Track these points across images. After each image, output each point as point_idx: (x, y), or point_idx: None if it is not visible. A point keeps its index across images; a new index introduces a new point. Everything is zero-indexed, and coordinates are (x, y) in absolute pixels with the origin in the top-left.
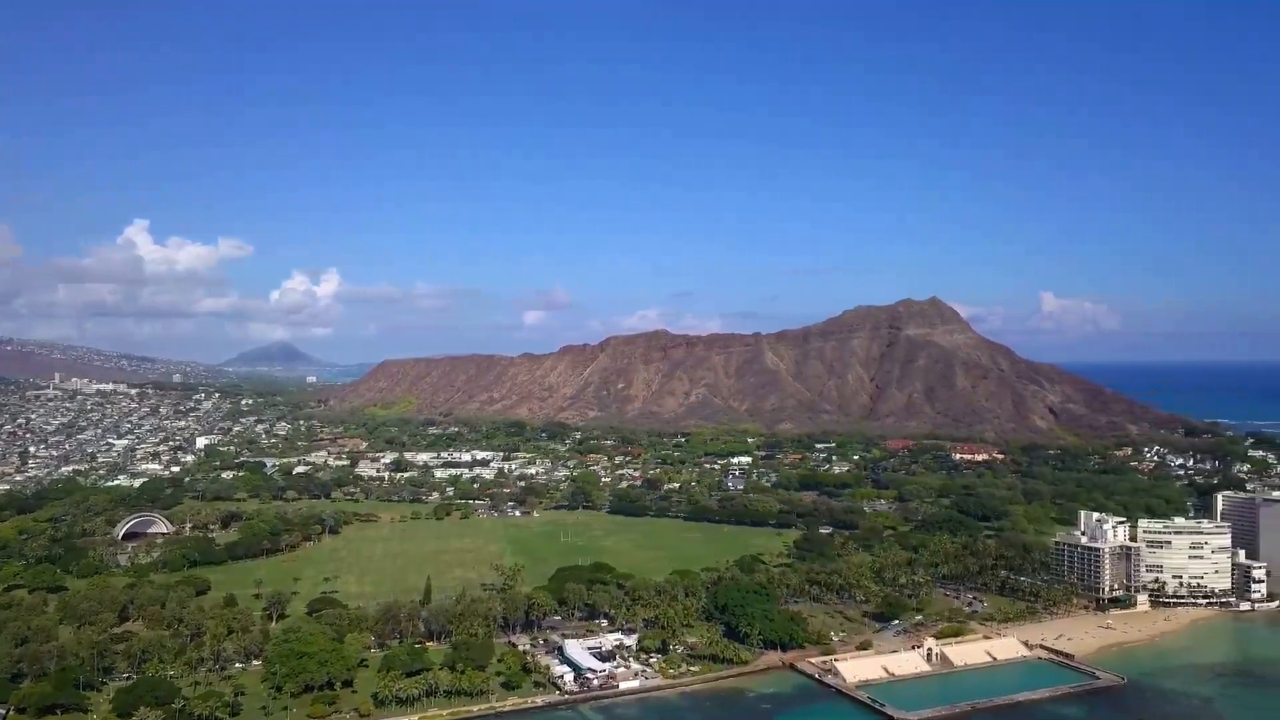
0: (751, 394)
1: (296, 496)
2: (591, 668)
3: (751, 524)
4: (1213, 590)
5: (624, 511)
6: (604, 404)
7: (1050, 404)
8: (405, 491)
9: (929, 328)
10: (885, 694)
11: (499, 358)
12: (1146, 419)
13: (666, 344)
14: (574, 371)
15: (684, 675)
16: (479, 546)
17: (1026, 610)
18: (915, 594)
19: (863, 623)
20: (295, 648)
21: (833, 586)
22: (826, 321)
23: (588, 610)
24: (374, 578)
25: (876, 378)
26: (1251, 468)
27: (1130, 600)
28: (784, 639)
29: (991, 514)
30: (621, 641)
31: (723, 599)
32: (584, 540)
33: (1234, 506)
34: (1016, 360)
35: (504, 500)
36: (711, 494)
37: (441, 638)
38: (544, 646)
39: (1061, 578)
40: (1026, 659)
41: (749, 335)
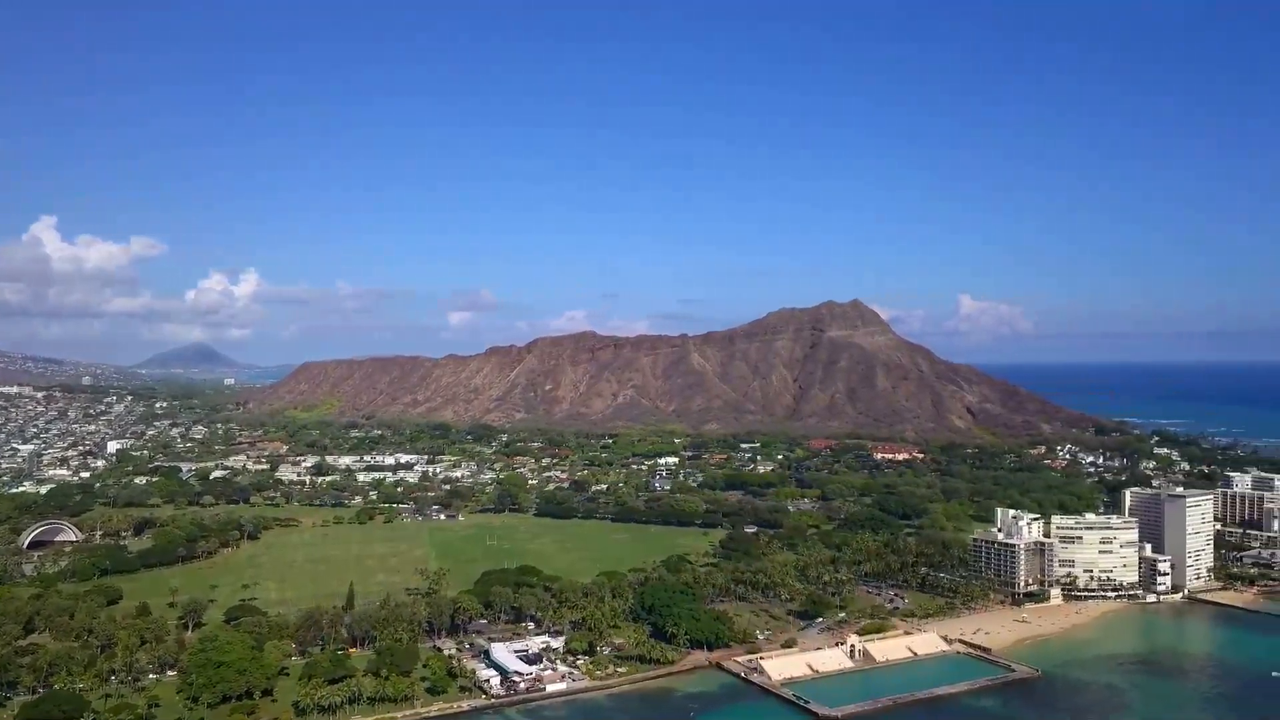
0: (678, 395)
1: (214, 502)
2: (518, 671)
3: (678, 524)
4: (1121, 583)
5: (551, 514)
6: (531, 406)
7: (968, 404)
8: (327, 496)
9: (851, 329)
10: (810, 691)
11: (423, 359)
12: (1059, 418)
13: (594, 345)
14: (500, 373)
15: (611, 676)
16: (403, 551)
17: (946, 606)
18: (838, 592)
19: (787, 621)
20: (212, 657)
21: (758, 585)
22: (751, 323)
23: (514, 613)
24: (295, 584)
25: (800, 378)
26: (1157, 464)
27: (1044, 594)
28: (710, 638)
29: (912, 512)
30: (548, 644)
31: (649, 599)
32: (510, 543)
33: (1141, 502)
34: (936, 361)
35: (429, 504)
36: (639, 495)
37: (365, 643)
38: (470, 650)
39: (979, 574)
40: (946, 653)
41: (676, 337)
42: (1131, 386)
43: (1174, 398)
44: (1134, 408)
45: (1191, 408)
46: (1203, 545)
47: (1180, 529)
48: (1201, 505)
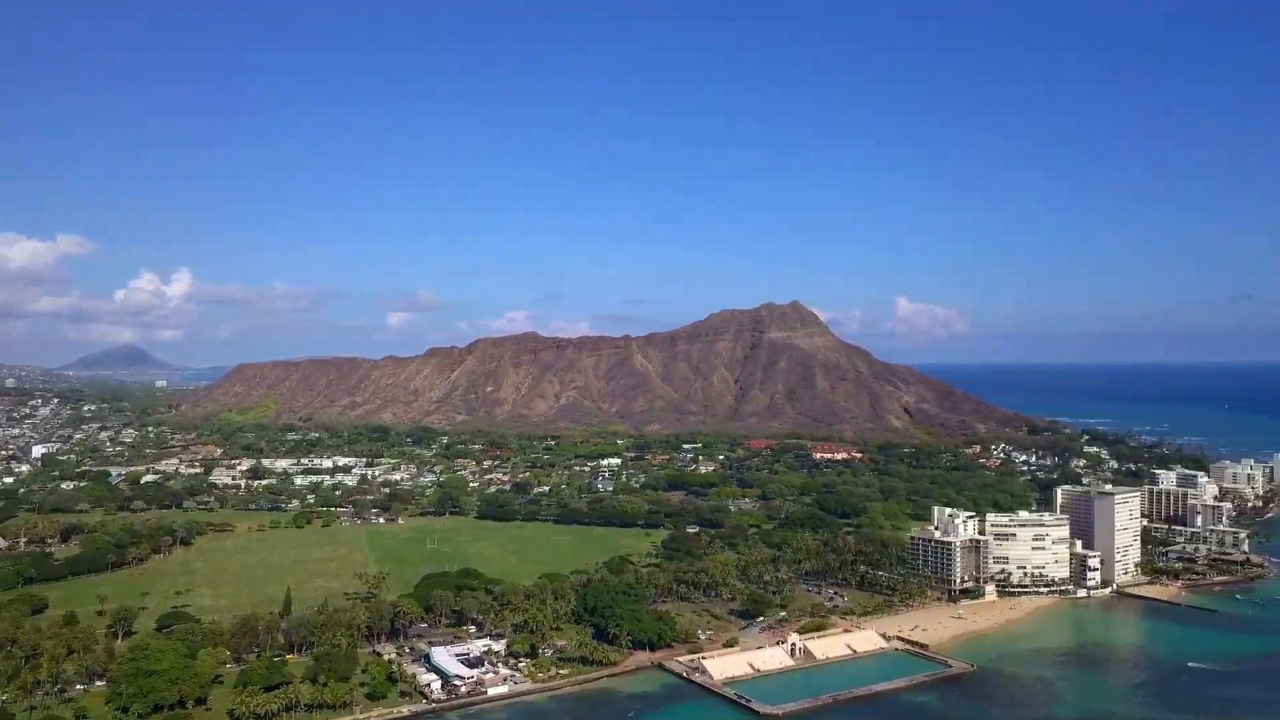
0: (621, 396)
1: (145, 507)
2: (459, 674)
3: (621, 525)
4: (1053, 579)
5: (493, 516)
6: (472, 407)
7: (905, 404)
8: (263, 500)
9: (790, 331)
10: (751, 690)
11: (361, 360)
12: (993, 418)
13: (536, 346)
14: (441, 374)
15: (553, 679)
16: (342, 555)
17: (884, 603)
18: (779, 591)
19: (729, 620)
20: (143, 666)
21: (700, 585)
22: (693, 325)
23: (455, 616)
24: (230, 590)
25: (740, 379)
26: (1087, 463)
27: (980, 591)
28: (652, 639)
29: (851, 511)
30: (490, 647)
31: (592, 601)
32: (451, 546)
33: (1072, 500)
34: (873, 362)
35: (368, 507)
36: (581, 496)
37: (303, 650)
38: (410, 655)
39: (917, 571)
40: (884, 650)
41: (618, 338)
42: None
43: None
44: (1065, 407)
45: (1119, 407)
46: (1130, 541)
47: (1109, 526)
48: (1129, 502)
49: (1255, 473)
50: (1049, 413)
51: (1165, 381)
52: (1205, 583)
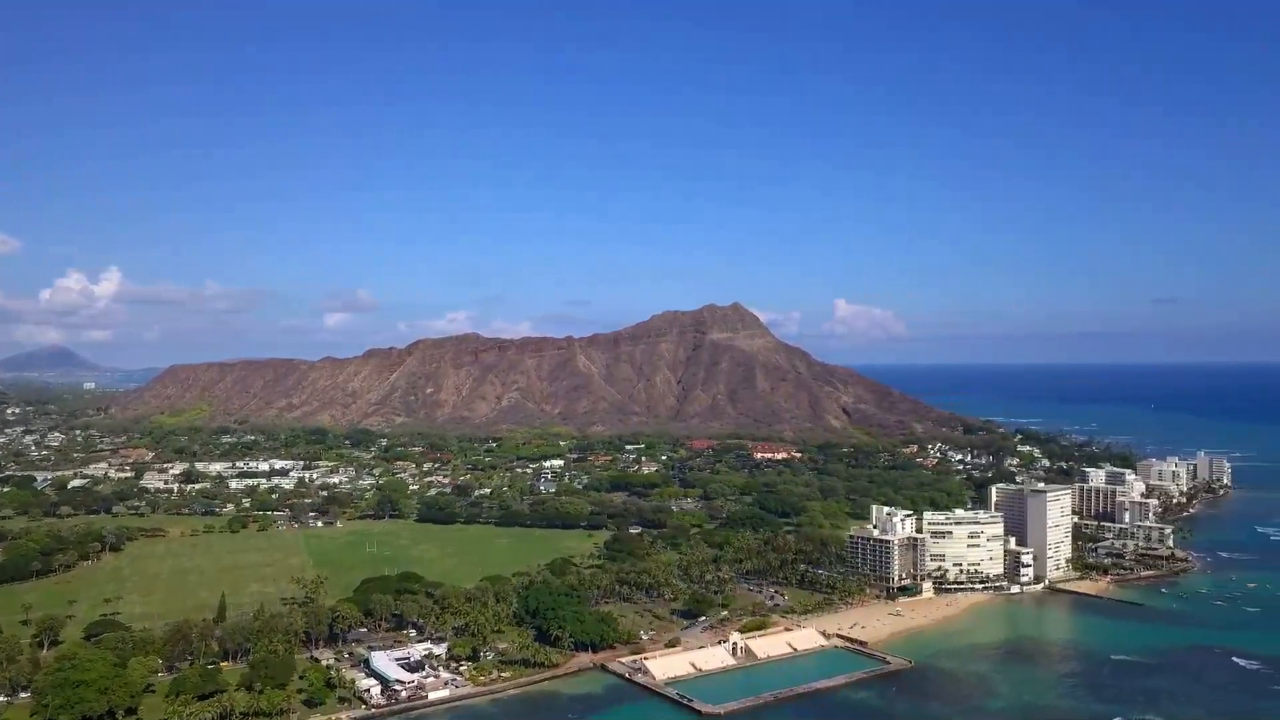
0: (564, 397)
1: (72, 513)
2: (399, 679)
3: (563, 526)
4: (988, 576)
5: (433, 519)
6: (412, 409)
7: (844, 404)
8: (197, 504)
9: (731, 332)
10: (693, 689)
11: (299, 362)
12: (930, 418)
13: (478, 347)
14: (380, 376)
15: (495, 682)
16: (279, 559)
17: (824, 601)
18: (720, 590)
19: (671, 620)
20: (70, 676)
21: (642, 585)
22: (635, 326)
23: (396, 620)
24: (162, 596)
25: (683, 380)
26: (1020, 461)
27: (917, 588)
28: (595, 640)
29: (791, 510)
30: (431, 651)
31: (534, 603)
32: (391, 549)
33: (1005, 498)
34: (813, 363)
35: (305, 511)
36: (523, 498)
37: (238, 657)
38: (350, 660)
39: (856, 569)
40: (824, 648)
41: (561, 339)
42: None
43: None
44: (998, 408)
45: (1050, 407)
46: (1062, 538)
47: (1041, 523)
48: (1061, 500)
49: (1179, 470)
50: (983, 413)
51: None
52: (1133, 577)
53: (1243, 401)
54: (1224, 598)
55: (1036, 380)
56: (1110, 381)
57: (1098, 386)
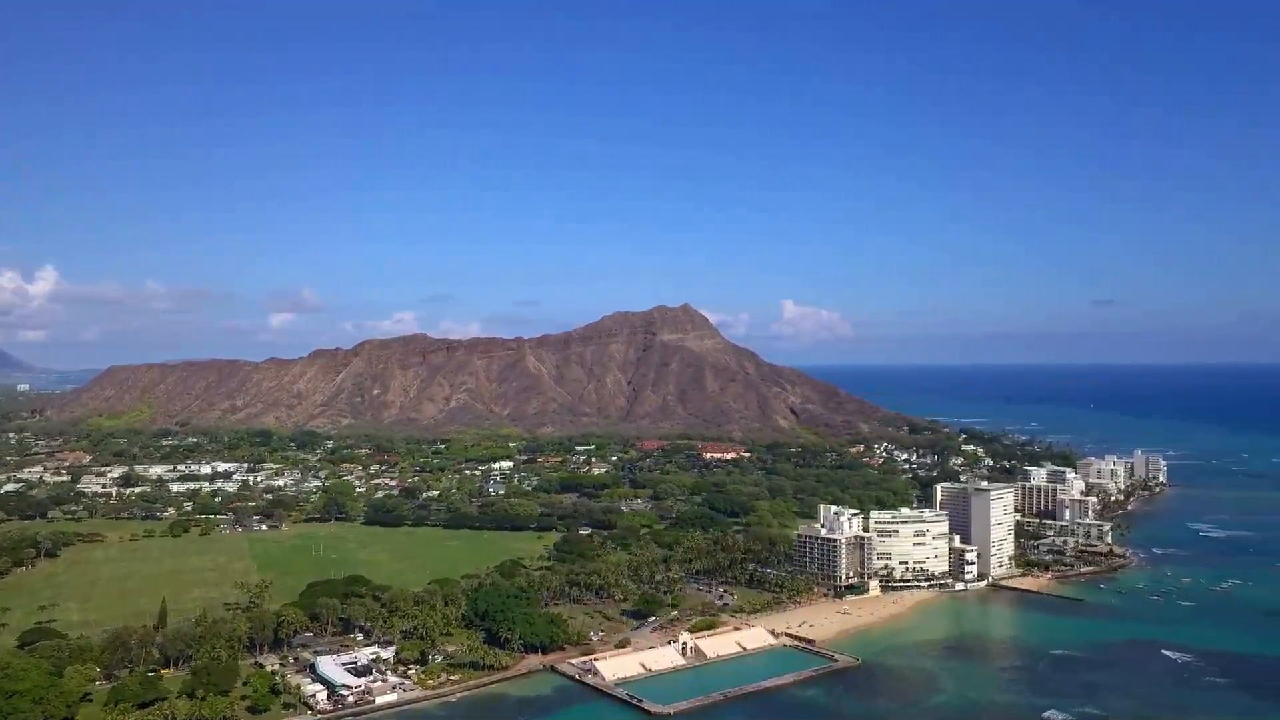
0: (513, 398)
1: (6, 518)
2: (346, 684)
3: (513, 528)
4: (934, 573)
5: (381, 521)
6: (358, 411)
7: (792, 405)
8: (137, 508)
9: (681, 333)
10: (643, 690)
11: (242, 363)
12: (876, 418)
13: (425, 348)
14: (326, 377)
15: (444, 685)
16: (222, 564)
17: (773, 600)
18: (670, 590)
19: (621, 621)
20: (4, 686)
21: (592, 587)
22: (586, 326)
23: (343, 624)
24: (100, 603)
25: (633, 381)
26: (964, 460)
27: (864, 586)
28: (545, 641)
29: (740, 510)
30: (379, 654)
31: (483, 605)
32: (338, 553)
33: (950, 496)
34: (761, 364)
35: (249, 514)
36: (472, 500)
37: (180, 664)
38: (295, 665)
39: (804, 568)
40: (773, 647)
41: (511, 340)
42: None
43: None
44: (943, 408)
45: (993, 407)
46: (1005, 535)
47: (985, 521)
48: (1004, 498)
49: (1118, 468)
50: (928, 412)
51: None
52: (1073, 574)
53: (1177, 401)
54: (1160, 593)
55: (980, 381)
56: (1051, 382)
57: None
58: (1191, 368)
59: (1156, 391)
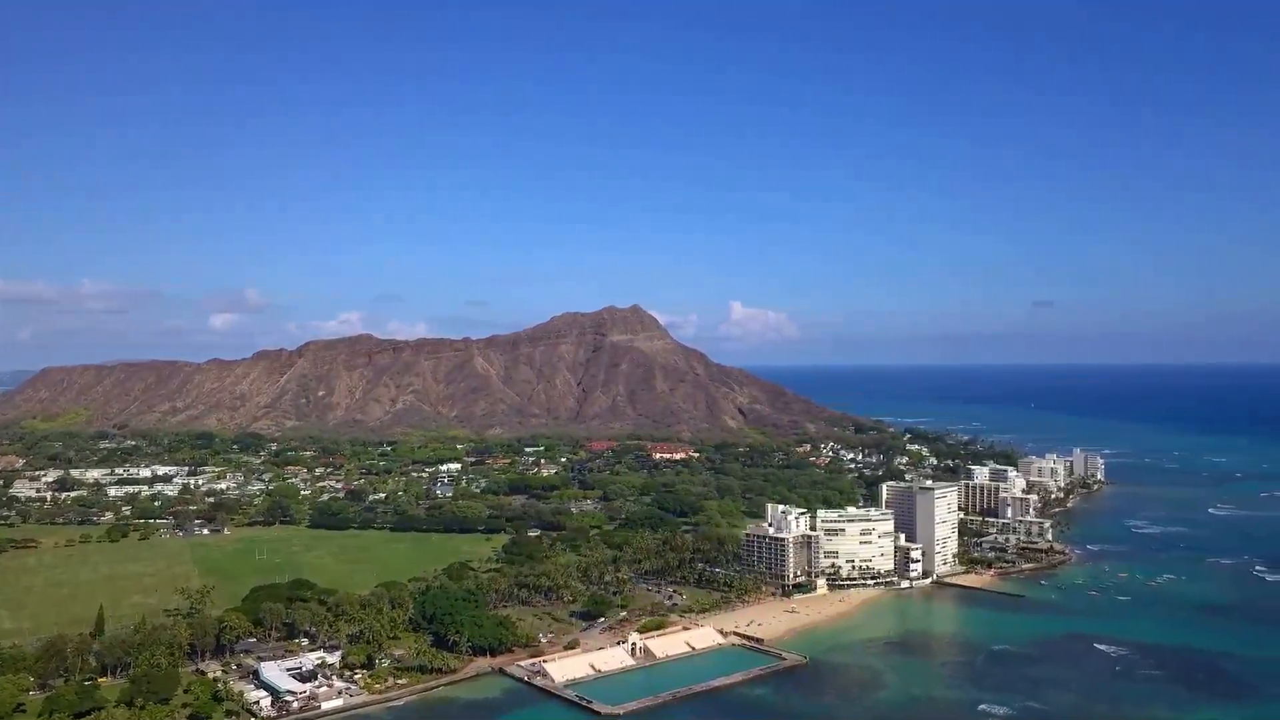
0: (461, 400)
1: None
2: (290, 690)
3: (461, 531)
4: (880, 571)
5: (326, 525)
6: (303, 412)
7: (740, 405)
8: (73, 513)
9: (631, 334)
10: (592, 691)
11: (183, 364)
12: (822, 418)
13: (371, 349)
14: (269, 378)
15: (391, 689)
16: (162, 569)
17: (721, 600)
18: (619, 591)
19: (570, 622)
20: None
21: (541, 588)
22: (535, 327)
23: (287, 629)
24: (34, 611)
25: (583, 382)
26: (909, 460)
27: (811, 585)
28: (493, 644)
29: (688, 510)
30: (324, 659)
31: (431, 608)
32: (282, 556)
33: (896, 495)
34: (710, 365)
35: (191, 518)
36: (419, 502)
37: (118, 672)
38: (238, 671)
39: (752, 567)
40: (722, 646)
41: (458, 340)
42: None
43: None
44: (888, 408)
45: (936, 407)
46: (949, 533)
47: (929, 519)
48: (947, 497)
49: (1057, 466)
50: (873, 413)
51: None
52: (1015, 570)
53: (1114, 401)
54: (1098, 588)
55: (924, 381)
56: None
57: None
58: (1128, 368)
59: (1095, 391)
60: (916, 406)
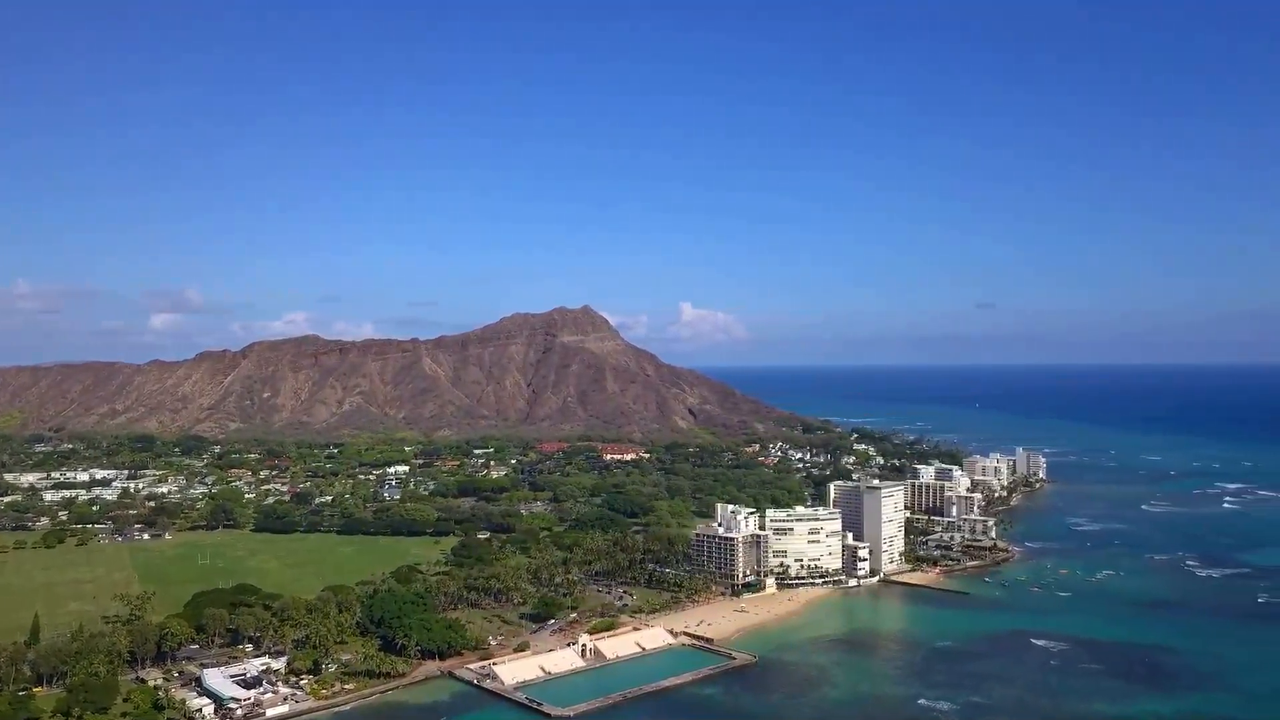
0: (409, 401)
1: None
2: (234, 697)
3: (409, 534)
4: (828, 570)
5: (271, 528)
6: (247, 414)
7: (690, 405)
8: (6, 519)
9: (582, 335)
10: (542, 693)
11: (123, 365)
12: (771, 418)
13: (318, 350)
14: (212, 380)
15: (338, 694)
16: (101, 575)
17: (671, 600)
18: (570, 592)
19: (520, 624)
20: None
21: (490, 591)
22: (484, 328)
23: (231, 635)
24: None
25: (533, 383)
26: (856, 459)
27: (761, 584)
28: (442, 647)
29: (639, 510)
30: (269, 665)
31: (379, 611)
32: (226, 561)
33: (843, 494)
34: (660, 365)
35: (131, 523)
36: (367, 505)
37: (55, 681)
38: (180, 679)
39: (702, 567)
40: (672, 646)
41: (406, 341)
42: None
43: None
44: (835, 408)
45: (883, 407)
46: (896, 532)
47: (876, 518)
48: (894, 496)
49: (1000, 466)
50: (821, 413)
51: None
52: (959, 568)
53: (1055, 400)
54: (1039, 584)
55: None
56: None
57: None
58: (1068, 368)
59: (1037, 391)
60: (863, 406)
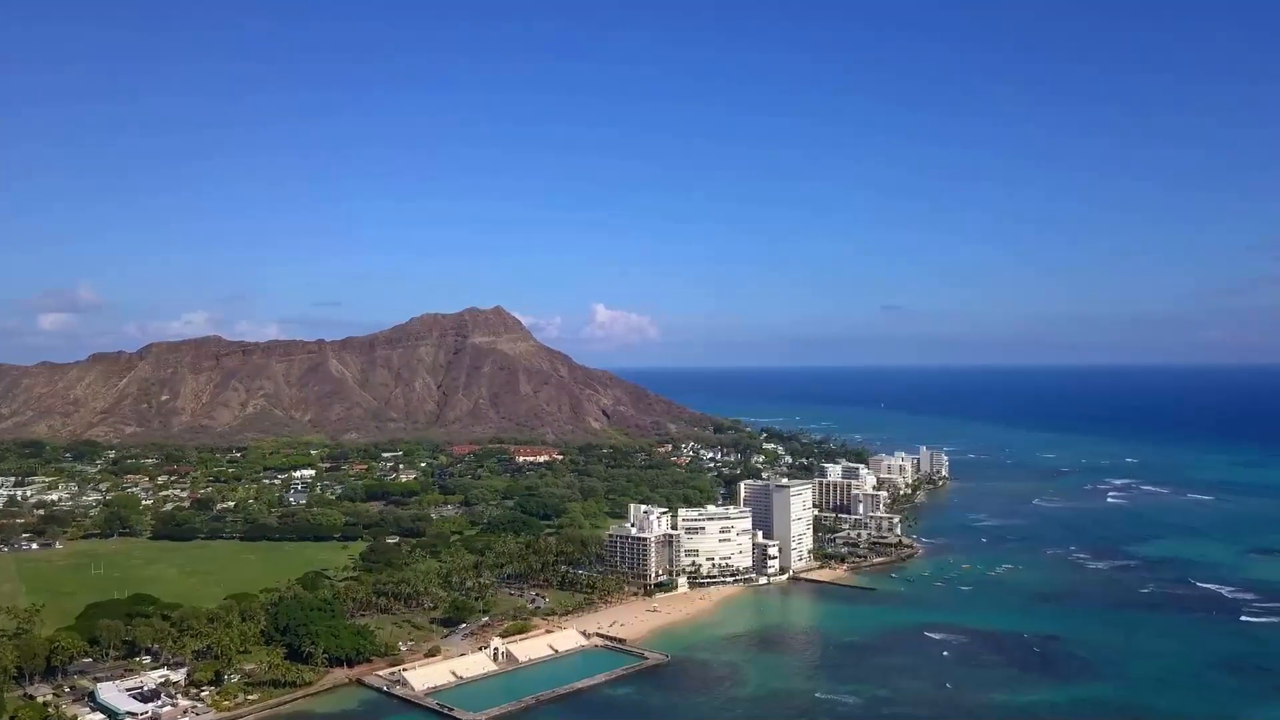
0: (315, 404)
1: None
2: (130, 711)
3: (316, 539)
4: (739, 568)
5: (170, 536)
6: (145, 418)
7: (603, 406)
8: None
9: (494, 336)
10: (454, 698)
11: (8, 367)
12: (683, 418)
13: (219, 351)
14: (107, 382)
15: (241, 705)
16: None
17: (584, 601)
18: (482, 596)
19: (431, 629)
20: None
21: (401, 596)
22: (393, 329)
23: (127, 648)
24: None
25: (444, 385)
26: (765, 458)
27: (673, 584)
28: (351, 654)
29: (552, 512)
30: (168, 677)
31: (284, 619)
32: (121, 571)
33: (753, 493)
34: (574, 367)
35: (17, 532)
36: (272, 511)
37: None
38: (72, 694)
39: (615, 568)
40: (585, 648)
41: (312, 342)
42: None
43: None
44: (745, 408)
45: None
46: (804, 529)
47: (785, 516)
48: (802, 494)
49: (905, 464)
50: (731, 413)
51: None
52: (866, 565)
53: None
54: (943, 579)
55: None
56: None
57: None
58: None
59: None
60: (772, 406)
